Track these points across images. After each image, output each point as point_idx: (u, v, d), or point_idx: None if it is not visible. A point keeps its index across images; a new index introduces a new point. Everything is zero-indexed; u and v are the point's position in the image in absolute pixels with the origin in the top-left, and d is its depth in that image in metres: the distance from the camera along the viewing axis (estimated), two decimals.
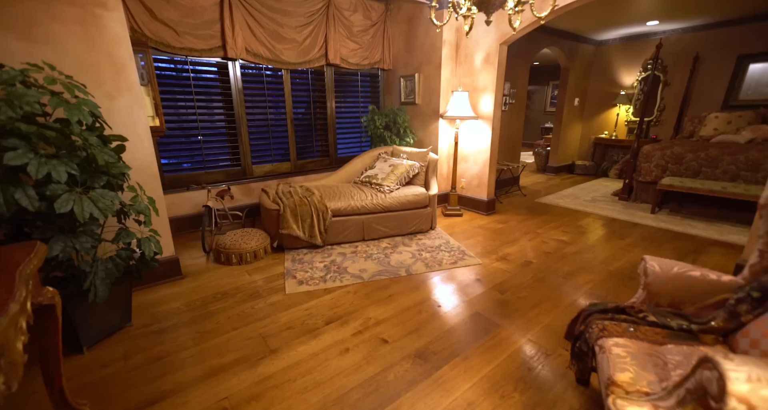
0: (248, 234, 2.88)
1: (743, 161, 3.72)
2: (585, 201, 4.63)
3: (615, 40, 5.95)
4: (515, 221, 3.86)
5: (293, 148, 3.90)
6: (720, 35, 5.00)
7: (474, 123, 3.94)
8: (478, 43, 3.68)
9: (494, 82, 3.64)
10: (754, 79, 4.94)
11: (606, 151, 6.35)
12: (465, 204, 4.25)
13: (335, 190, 3.31)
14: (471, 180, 4.16)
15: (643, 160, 4.38)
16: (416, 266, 2.76)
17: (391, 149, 3.87)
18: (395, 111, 4.07)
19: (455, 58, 3.93)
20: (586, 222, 3.80)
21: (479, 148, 3.97)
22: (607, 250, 3.06)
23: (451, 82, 3.99)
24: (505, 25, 3.39)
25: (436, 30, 2.09)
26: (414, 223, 3.40)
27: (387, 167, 3.51)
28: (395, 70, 4.35)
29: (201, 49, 2.92)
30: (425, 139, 4.22)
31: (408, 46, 4.12)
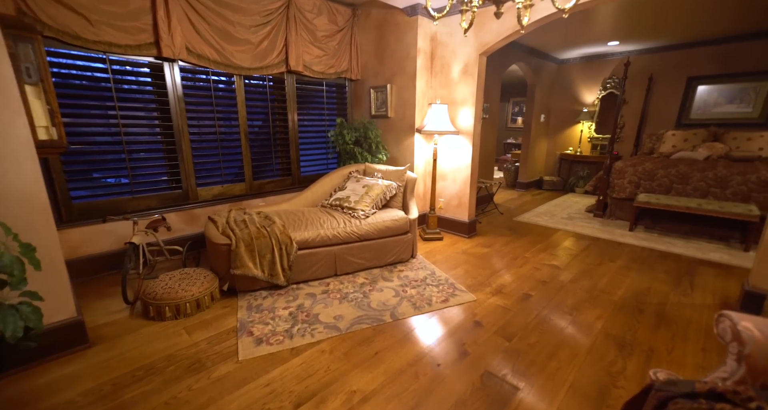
0: (189, 277, 2.25)
1: (712, 178, 3.76)
2: (563, 218, 4.49)
3: (576, 59, 6.10)
4: (500, 244, 3.56)
5: (248, 166, 3.33)
6: (672, 57, 5.25)
7: (453, 138, 3.64)
8: (456, 53, 3.42)
9: (474, 95, 3.38)
10: (702, 100, 5.22)
11: (572, 166, 6.42)
12: (444, 226, 3.90)
13: (301, 216, 2.79)
14: (450, 199, 3.83)
15: (616, 176, 4.34)
16: (402, 308, 2.30)
17: (363, 167, 3.43)
18: (366, 125, 3.67)
19: (431, 69, 3.64)
20: (571, 243, 3.59)
21: (459, 165, 3.66)
22: (603, 276, 2.82)
23: (427, 94, 3.68)
24: (484, 35, 3.16)
25: (434, 22, 1.72)
26: (394, 252, 2.96)
27: (360, 188, 3.06)
28: (364, 80, 3.97)
29: (125, 45, 2.32)
30: (399, 156, 3.85)
31: (378, 55, 3.78)
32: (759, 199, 3.52)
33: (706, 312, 2.28)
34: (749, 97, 4.86)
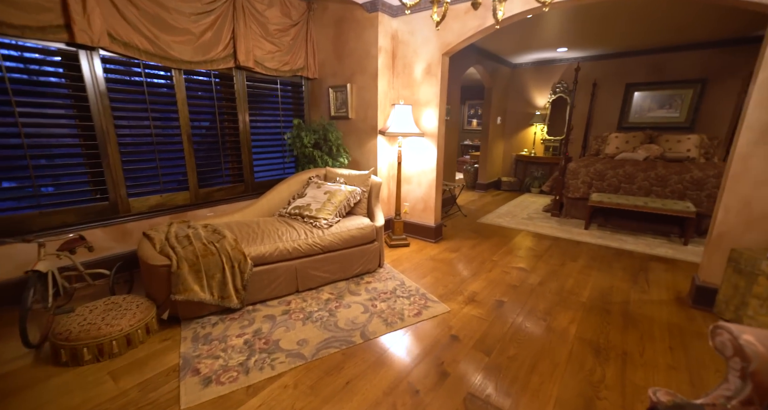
0: (117, 307, 1.88)
1: (654, 177, 4.03)
2: (523, 219, 4.58)
3: (528, 63, 6.33)
4: (467, 247, 3.51)
5: (193, 172, 2.94)
6: (612, 65, 5.62)
7: (417, 141, 3.52)
8: (418, 53, 3.31)
9: (437, 96, 3.29)
10: (638, 105, 5.64)
11: (527, 167, 6.66)
12: (411, 231, 3.77)
13: (256, 227, 2.49)
14: (415, 204, 3.71)
15: (570, 176, 4.52)
16: (373, 325, 2.11)
17: (323, 172, 3.20)
18: (325, 126, 3.44)
19: (392, 68, 3.50)
20: (534, 244, 3.64)
21: (424, 168, 3.56)
22: (569, 276, 2.85)
23: (389, 95, 3.54)
24: (447, 35, 3.09)
25: (405, 11, 1.55)
26: (360, 263, 2.76)
27: (322, 195, 2.82)
28: (323, 79, 3.74)
29: (22, 26, 1.89)
30: (362, 159, 3.66)
31: (337, 53, 3.56)
32: (692, 197, 3.83)
33: (664, 308, 2.36)
34: (677, 103, 5.34)
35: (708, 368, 1.77)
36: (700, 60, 5.03)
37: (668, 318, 2.23)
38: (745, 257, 1.97)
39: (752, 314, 1.94)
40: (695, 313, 2.30)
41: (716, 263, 2.27)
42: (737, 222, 2.18)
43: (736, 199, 2.16)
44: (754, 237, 2.14)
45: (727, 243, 2.22)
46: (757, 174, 2.08)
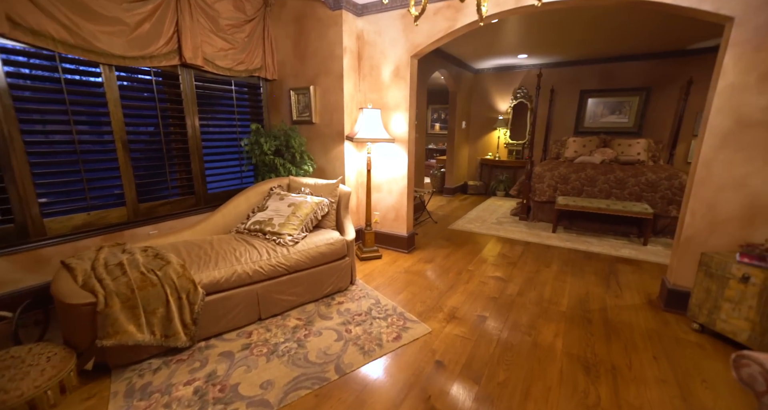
0: (20, 362, 1.48)
1: (613, 180, 4.19)
2: (493, 224, 4.57)
3: (490, 69, 6.43)
4: (441, 257, 3.38)
5: (130, 184, 2.53)
6: (568, 72, 5.85)
7: (387, 146, 3.35)
8: (386, 55, 3.14)
9: (407, 100, 3.14)
10: (592, 111, 5.92)
11: (492, 171, 6.75)
12: (382, 242, 3.58)
13: (209, 248, 2.16)
14: (386, 213, 3.53)
15: (536, 180, 4.58)
16: (349, 355, 1.88)
17: (286, 181, 2.91)
18: (287, 132, 3.15)
19: (358, 70, 3.30)
20: (507, 250, 3.60)
21: (394, 175, 3.38)
22: (545, 284, 2.81)
23: (356, 98, 3.33)
24: (416, 36, 2.95)
25: (383, 0, 1.35)
26: (330, 281, 2.51)
27: (285, 207, 2.54)
28: (283, 80, 3.44)
29: None
30: (328, 167, 3.42)
31: (298, 53, 3.30)
32: (648, 198, 4.01)
33: (640, 313, 2.37)
34: (626, 109, 5.66)
35: (694, 378, 1.74)
36: (644, 69, 5.36)
37: (645, 324, 2.23)
38: (715, 261, 2.00)
39: (725, 317, 1.96)
40: (669, 317, 2.32)
41: (686, 266, 2.31)
42: (703, 226, 2.23)
43: (701, 203, 2.21)
44: (719, 240, 2.19)
45: (695, 247, 2.26)
46: (720, 178, 2.14)
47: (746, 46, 1.96)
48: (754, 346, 1.84)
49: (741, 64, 1.99)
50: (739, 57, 1.98)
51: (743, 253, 1.95)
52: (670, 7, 2.11)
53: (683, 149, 5.37)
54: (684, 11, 2.10)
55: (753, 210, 2.08)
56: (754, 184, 2.06)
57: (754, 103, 1.99)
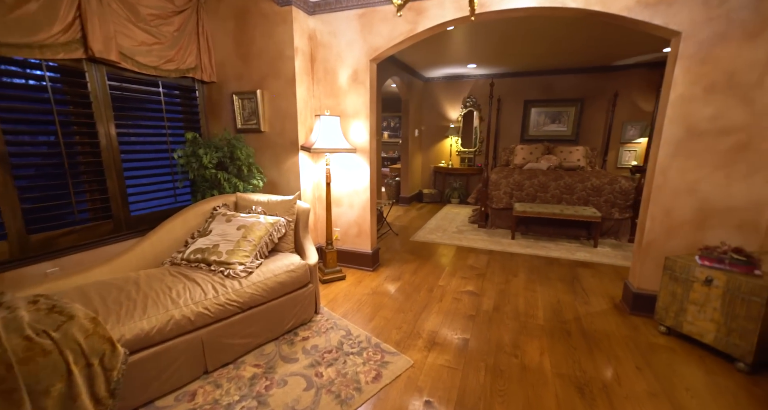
0: None
1: (563, 186, 4.38)
2: (454, 233, 4.52)
3: (439, 78, 6.51)
4: (408, 273, 3.19)
5: (14, 210, 1.93)
6: (513, 83, 6.13)
7: (347, 157, 3.09)
8: (342, 58, 2.90)
9: (367, 106, 2.93)
10: (535, 120, 6.26)
11: (446, 178, 6.80)
12: (345, 260, 3.29)
13: (133, 289, 1.70)
14: (348, 229, 3.25)
15: (493, 188, 4.64)
16: (323, 408, 1.57)
17: (233, 199, 2.51)
18: (232, 141, 2.75)
19: (311, 74, 3.02)
20: (474, 260, 3.53)
21: (356, 187, 3.13)
22: (517, 295, 2.75)
23: (310, 104, 3.03)
24: (375, 38, 2.76)
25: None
26: (292, 314, 2.17)
27: (234, 230, 2.15)
28: (224, 83, 3.02)
29: None
30: (281, 180, 3.06)
31: (241, 52, 2.92)
32: (594, 202, 4.26)
33: (610, 319, 2.39)
34: (564, 119, 6.07)
35: (678, 388, 1.73)
36: (577, 82, 5.80)
37: (618, 331, 2.24)
38: (679, 265, 2.07)
39: (691, 320, 2.02)
40: (637, 321, 2.36)
41: (649, 270, 2.38)
42: (661, 230, 2.32)
43: (660, 208, 2.29)
44: (676, 243, 2.29)
45: (656, 251, 2.35)
46: (675, 184, 2.23)
47: (693, 59, 2.07)
48: (720, 346, 1.90)
49: (689, 76, 2.10)
50: (687, 69, 2.09)
51: (703, 256, 2.03)
52: (626, 20, 2.18)
53: (614, 155, 5.88)
54: (637, 24, 2.18)
55: (703, 213, 2.21)
56: (704, 188, 2.18)
57: (701, 113, 2.11)
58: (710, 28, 2.01)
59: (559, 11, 2.30)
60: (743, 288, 1.78)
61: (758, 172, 2.06)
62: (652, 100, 5.50)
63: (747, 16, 1.94)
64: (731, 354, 1.85)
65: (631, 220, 4.13)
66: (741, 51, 1.98)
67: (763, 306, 1.71)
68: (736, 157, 2.09)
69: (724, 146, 2.10)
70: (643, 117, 5.59)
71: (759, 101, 2.00)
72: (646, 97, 5.52)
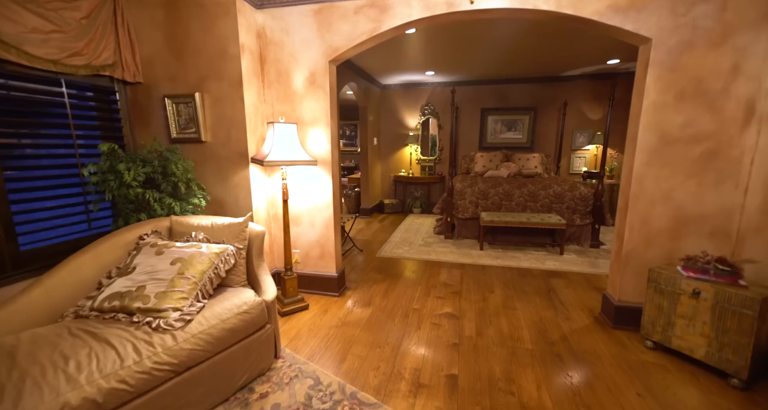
0: None
1: (527, 194, 4.38)
2: (421, 246, 4.30)
3: (396, 85, 6.36)
4: (379, 296, 2.88)
5: None
6: (470, 91, 6.16)
7: (306, 170, 2.73)
8: (297, 58, 2.56)
9: (327, 112, 2.61)
10: (492, 127, 6.34)
11: (406, 187, 6.63)
12: (306, 285, 2.90)
13: (6, 365, 1.20)
14: (309, 250, 2.87)
15: (458, 197, 4.52)
16: None
17: (167, 224, 2.04)
18: (164, 153, 2.27)
19: (261, 75, 2.64)
20: (446, 276, 3.32)
21: (316, 203, 2.78)
22: (498, 315, 2.57)
23: (261, 110, 2.65)
24: (334, 37, 2.46)
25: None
26: (246, 366, 1.76)
27: (167, 266, 1.70)
28: (153, 85, 2.53)
29: None
30: (228, 198, 2.61)
31: (174, 49, 2.46)
32: (557, 209, 4.30)
33: (596, 336, 2.27)
34: (520, 127, 6.21)
35: None
36: (530, 91, 5.97)
37: (607, 350, 2.12)
38: (664, 277, 2.00)
39: (680, 334, 1.95)
40: (622, 336, 2.27)
41: (629, 282, 2.31)
42: (639, 240, 2.26)
43: (638, 217, 2.24)
44: (655, 252, 2.24)
45: (635, 261, 2.29)
46: (651, 193, 2.19)
47: (663, 66, 2.05)
48: (712, 362, 1.83)
49: (660, 84, 2.07)
50: (659, 76, 2.06)
51: (686, 267, 1.98)
52: (597, 25, 2.11)
53: (566, 162, 6.11)
54: (609, 30, 2.12)
55: (678, 221, 2.18)
56: (678, 197, 2.16)
57: (673, 121, 2.09)
58: (678, 35, 2.00)
59: (530, 13, 2.19)
60: (733, 301, 1.73)
61: (728, 179, 2.07)
62: (597, 108, 5.82)
63: (711, 24, 1.95)
64: (725, 370, 1.78)
65: (591, 226, 4.21)
66: (707, 59, 1.99)
67: (755, 319, 1.65)
68: (706, 165, 2.09)
69: (694, 154, 2.10)
70: (590, 125, 5.88)
71: (725, 109, 2.01)
72: (591, 106, 5.83)
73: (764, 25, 1.89)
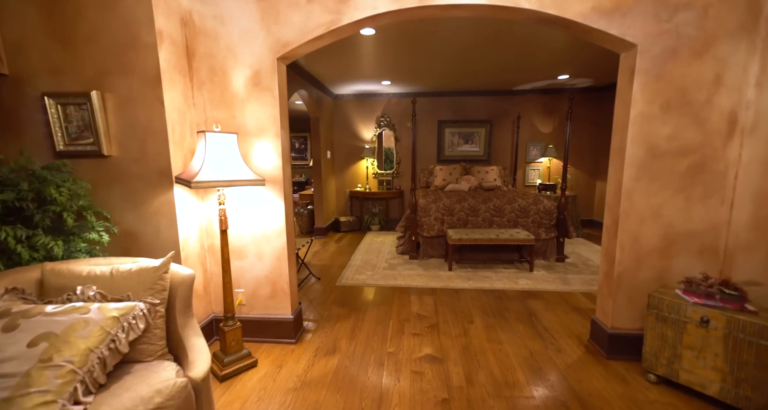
0: None
1: (492, 208, 4.21)
2: (385, 269, 3.90)
3: (350, 95, 6.00)
4: (345, 339, 2.41)
5: None
6: (426, 103, 6.00)
7: (250, 191, 2.20)
8: (236, 53, 2.06)
9: (277, 121, 2.13)
10: (449, 140, 6.23)
11: (363, 203, 6.22)
12: (254, 332, 2.33)
13: None
14: (257, 288, 2.32)
15: (422, 214, 4.21)
16: None
17: (36, 275, 1.41)
18: (40, 173, 1.62)
19: (189, 73, 2.09)
20: (419, 306, 2.94)
21: (265, 231, 2.25)
22: (485, 353, 2.23)
23: (189, 116, 2.09)
24: (283, 29, 2.02)
25: None
26: None
27: (21, 349, 1.09)
28: (26, 78, 1.86)
29: None
30: (144, 230, 1.99)
31: (58, 30, 1.83)
32: (522, 223, 4.18)
33: (594, 370, 2.03)
34: (476, 139, 6.18)
35: None
36: (486, 104, 5.98)
37: (612, 390, 1.87)
38: (666, 303, 1.81)
39: (689, 367, 1.76)
40: (620, 369, 2.05)
41: (622, 307, 2.12)
42: (631, 260, 2.09)
43: (628, 236, 2.07)
44: (647, 274, 2.08)
45: (627, 284, 2.11)
46: (641, 210, 2.04)
47: (649, 74, 1.92)
48: (728, 399, 1.65)
49: (646, 93, 1.94)
50: (645, 85, 1.93)
51: (687, 291, 1.81)
52: (582, 28, 1.93)
53: (521, 174, 6.18)
54: (593, 33, 1.96)
55: (668, 239, 2.05)
56: (667, 213, 2.02)
57: (660, 133, 1.96)
58: (662, 42, 1.88)
59: (511, 12, 1.96)
60: (748, 330, 1.56)
61: (714, 194, 1.98)
62: (547, 122, 5.98)
63: (693, 32, 1.86)
64: (743, 409, 1.60)
65: (556, 240, 4.15)
66: (691, 68, 1.89)
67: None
68: (693, 179, 1.98)
69: (681, 167, 1.98)
70: (542, 138, 6.02)
71: (709, 120, 1.92)
72: (543, 120, 5.98)
73: (743, 35, 1.84)
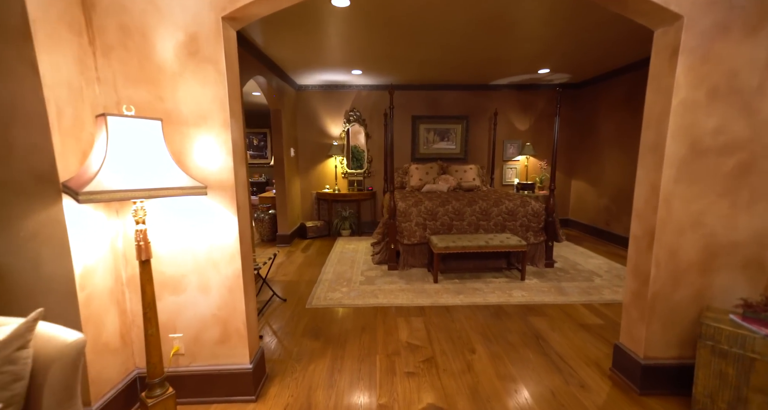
0: None
1: (478, 211, 3.84)
2: (362, 284, 3.38)
3: (315, 86, 5.38)
4: (322, 389, 1.87)
5: None
6: (400, 96, 5.53)
7: (184, 202, 1.58)
8: (161, 8, 1.44)
9: (225, 105, 1.53)
10: (424, 137, 5.83)
11: (332, 206, 5.63)
12: (197, 391, 1.72)
13: None
14: (200, 332, 1.71)
15: (402, 219, 3.75)
16: None
17: None
18: None
19: (86, 29, 1.43)
20: (408, 333, 2.46)
21: (211, 255, 1.65)
22: (498, 394, 1.81)
23: (88, 94, 1.43)
24: None
25: None
26: None
27: None
28: None
29: None
30: (14, 265, 1.32)
31: None
32: (510, 227, 3.85)
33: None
34: (452, 136, 5.82)
35: None
36: (462, 99, 5.64)
37: None
38: (726, 334, 1.48)
39: None
40: (655, 407, 1.72)
41: (656, 332, 1.79)
42: (667, 278, 1.76)
43: (665, 250, 1.73)
44: (684, 293, 1.76)
45: (663, 306, 1.77)
46: (680, 218, 1.71)
47: (695, 54, 1.58)
48: None
49: (691, 77, 1.60)
50: (690, 68, 1.59)
51: (747, 318, 1.49)
52: None
53: (499, 173, 5.93)
54: (630, 2, 1.58)
55: (709, 252, 1.74)
56: (709, 222, 1.71)
57: (706, 126, 1.63)
58: (712, 13, 1.55)
59: None
60: None
61: (762, 199, 1.69)
62: (524, 119, 5.76)
63: (747, 3, 1.54)
64: None
65: (545, 244, 3.87)
66: (741, 47, 1.58)
67: None
68: (739, 182, 1.68)
69: (727, 167, 1.67)
70: (519, 135, 5.80)
71: (761, 112, 1.62)
72: (519, 117, 5.76)
73: None
